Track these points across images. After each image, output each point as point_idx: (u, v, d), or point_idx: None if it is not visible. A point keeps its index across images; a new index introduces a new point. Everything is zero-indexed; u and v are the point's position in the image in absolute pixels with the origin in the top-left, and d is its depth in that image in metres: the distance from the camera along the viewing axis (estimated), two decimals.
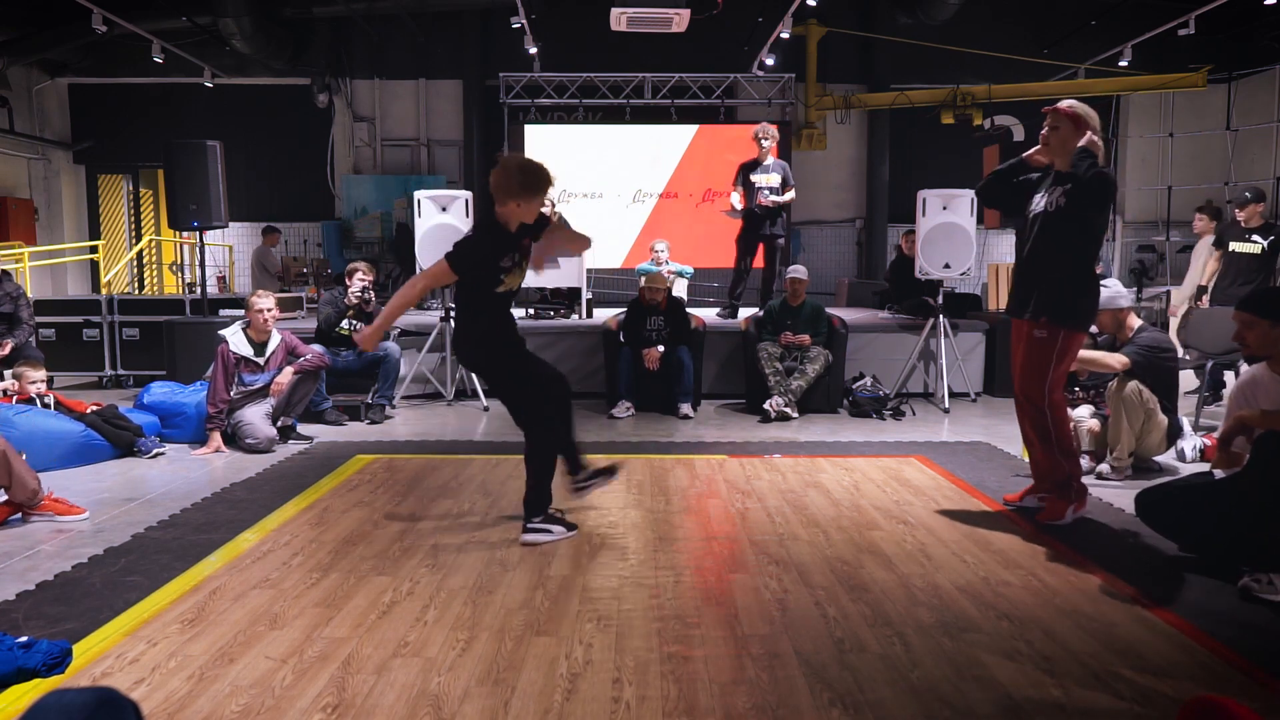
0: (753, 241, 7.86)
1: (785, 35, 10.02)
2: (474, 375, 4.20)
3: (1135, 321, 4.71)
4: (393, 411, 6.64)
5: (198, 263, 8.41)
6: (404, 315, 4.96)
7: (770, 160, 7.68)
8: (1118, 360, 4.57)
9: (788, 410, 6.41)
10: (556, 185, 3.82)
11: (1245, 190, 6.86)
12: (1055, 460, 3.96)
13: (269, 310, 5.63)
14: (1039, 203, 3.92)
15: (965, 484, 4.64)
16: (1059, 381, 3.91)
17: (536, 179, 3.54)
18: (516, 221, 3.58)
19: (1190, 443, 5.01)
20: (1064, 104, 3.86)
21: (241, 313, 5.88)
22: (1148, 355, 4.56)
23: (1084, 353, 4.33)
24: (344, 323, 6.51)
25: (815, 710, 2.34)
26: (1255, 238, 6.65)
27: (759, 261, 8.04)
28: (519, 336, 3.81)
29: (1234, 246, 6.78)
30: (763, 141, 7.61)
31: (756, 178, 7.65)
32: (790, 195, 7.75)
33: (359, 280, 6.54)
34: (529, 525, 3.71)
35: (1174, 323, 7.84)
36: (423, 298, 4.49)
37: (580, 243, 4.09)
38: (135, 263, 13.37)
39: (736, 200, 7.77)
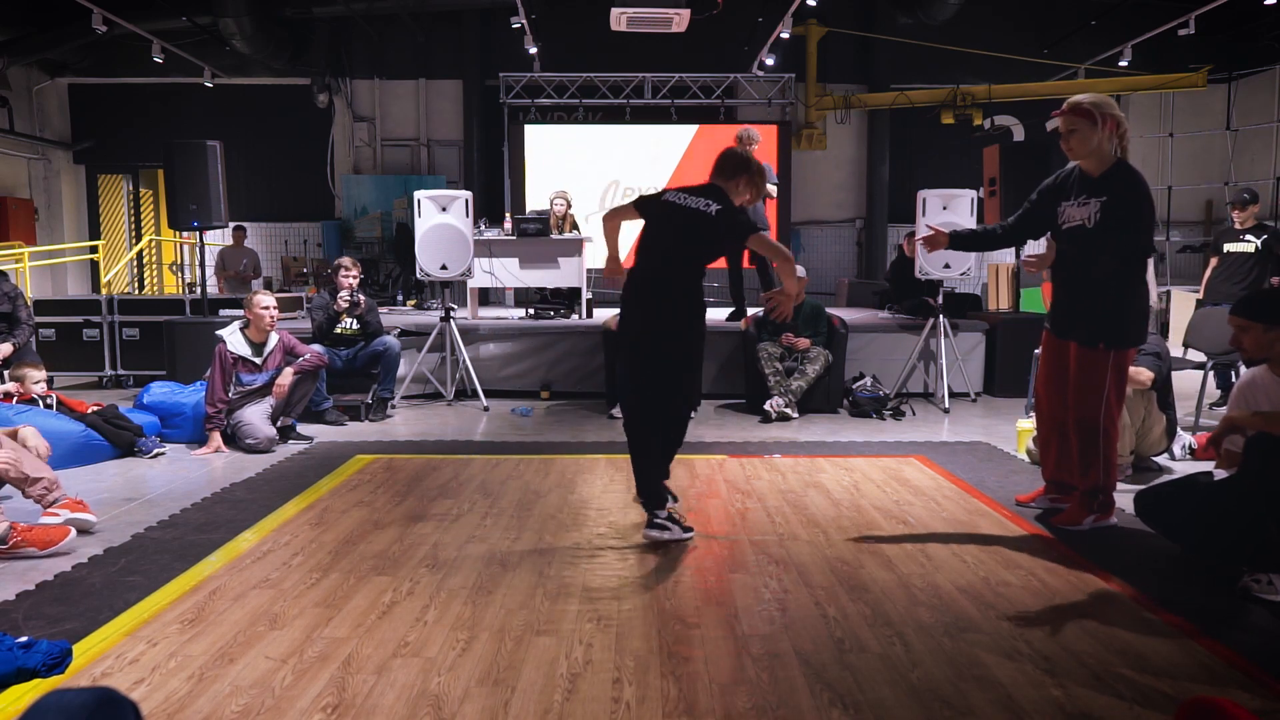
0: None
1: (785, 35, 10.02)
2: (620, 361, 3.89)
3: None
4: (393, 411, 6.65)
5: (198, 263, 8.43)
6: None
7: None
8: (1146, 376, 4.54)
9: (788, 410, 6.41)
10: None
11: (1244, 192, 7.00)
12: (1088, 468, 3.80)
13: (274, 309, 5.62)
14: (1072, 214, 3.73)
15: (965, 484, 4.64)
16: (1119, 401, 3.73)
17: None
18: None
19: (1180, 441, 5.02)
20: (1070, 103, 3.68)
21: (241, 312, 5.88)
22: (1163, 364, 4.57)
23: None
24: (341, 323, 6.49)
25: (815, 710, 2.34)
26: (1249, 237, 6.87)
27: (747, 263, 8.00)
28: None
29: (1228, 248, 6.97)
30: (748, 147, 7.58)
31: None
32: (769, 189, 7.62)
33: (345, 281, 6.47)
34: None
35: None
36: None
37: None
38: (135, 263, 13.38)
39: None
